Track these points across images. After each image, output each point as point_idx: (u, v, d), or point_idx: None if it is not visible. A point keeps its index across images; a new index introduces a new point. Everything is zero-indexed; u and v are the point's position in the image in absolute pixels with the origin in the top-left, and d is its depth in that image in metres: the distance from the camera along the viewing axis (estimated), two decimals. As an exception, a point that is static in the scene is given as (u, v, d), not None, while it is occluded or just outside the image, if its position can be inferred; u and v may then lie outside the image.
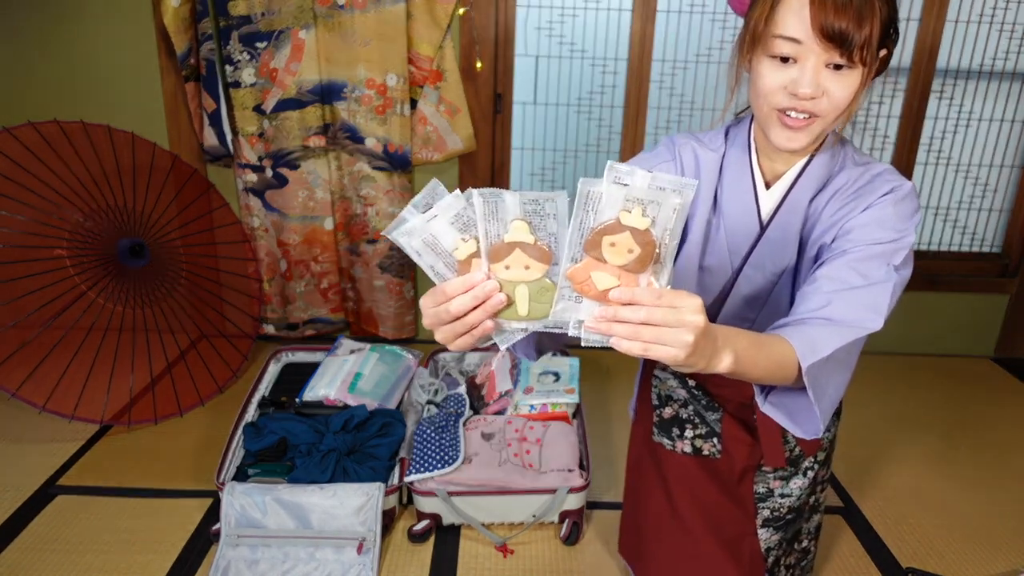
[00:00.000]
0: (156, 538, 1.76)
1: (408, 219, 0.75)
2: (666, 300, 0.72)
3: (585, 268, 0.72)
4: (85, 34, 2.41)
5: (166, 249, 2.33)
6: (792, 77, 0.96)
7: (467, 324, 0.76)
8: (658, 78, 2.55)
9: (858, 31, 0.91)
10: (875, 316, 0.97)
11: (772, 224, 1.10)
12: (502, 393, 2.08)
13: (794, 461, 1.30)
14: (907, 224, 1.03)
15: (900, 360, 2.82)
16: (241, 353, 2.49)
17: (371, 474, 1.82)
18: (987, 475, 2.14)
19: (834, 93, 0.96)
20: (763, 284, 1.14)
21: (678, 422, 1.32)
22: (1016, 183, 2.73)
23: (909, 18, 2.49)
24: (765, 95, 0.99)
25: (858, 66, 0.94)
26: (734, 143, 1.13)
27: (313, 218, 2.57)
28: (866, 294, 0.98)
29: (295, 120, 2.42)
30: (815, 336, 0.93)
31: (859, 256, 1.00)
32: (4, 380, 1.98)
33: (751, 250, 1.12)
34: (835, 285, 0.98)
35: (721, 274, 1.16)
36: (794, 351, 0.91)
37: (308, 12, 2.31)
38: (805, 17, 0.92)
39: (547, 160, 2.68)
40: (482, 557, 1.74)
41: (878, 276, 0.99)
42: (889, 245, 1.01)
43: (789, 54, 0.95)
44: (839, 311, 0.96)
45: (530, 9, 2.48)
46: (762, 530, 1.31)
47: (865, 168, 1.08)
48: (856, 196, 1.06)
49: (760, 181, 1.11)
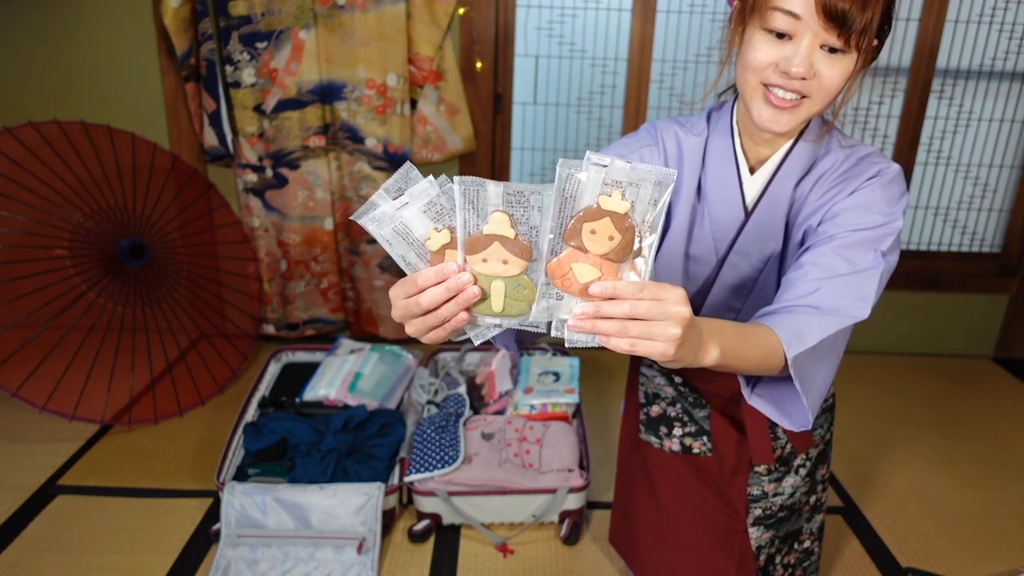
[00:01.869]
0: (156, 538, 1.76)
1: (379, 204, 0.71)
2: (648, 292, 0.70)
3: (566, 260, 0.70)
4: (85, 34, 2.41)
5: (166, 249, 2.33)
6: (785, 54, 0.93)
7: (439, 317, 0.73)
8: (658, 78, 2.55)
9: (860, 14, 0.89)
10: (862, 304, 0.95)
11: (757, 210, 1.07)
12: (502, 393, 2.08)
13: (785, 460, 1.28)
14: (894, 208, 1.01)
15: (900, 360, 2.82)
16: (241, 353, 2.49)
17: (371, 474, 1.82)
18: (987, 475, 2.14)
19: (825, 76, 0.93)
20: (749, 271, 1.11)
21: (666, 420, 1.30)
22: (1016, 183, 2.73)
23: (909, 18, 2.49)
24: (755, 69, 0.96)
25: (852, 52, 0.92)
26: (716, 127, 1.09)
27: (313, 218, 2.57)
28: (853, 281, 0.95)
29: (295, 120, 2.42)
30: (801, 325, 0.91)
31: (846, 242, 0.98)
32: (4, 380, 1.99)
33: (736, 237, 1.09)
34: (821, 272, 0.96)
35: (706, 262, 1.13)
36: (780, 341, 0.89)
37: (308, 12, 2.31)
38: None
39: (547, 160, 2.68)
40: (482, 557, 1.74)
41: (865, 263, 0.97)
42: (876, 230, 0.99)
43: (786, 30, 0.92)
44: (825, 299, 0.94)
45: (530, 9, 2.48)
46: (752, 528, 1.29)
47: (851, 151, 1.06)
48: (843, 179, 1.03)
49: (744, 166, 1.08)
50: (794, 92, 0.95)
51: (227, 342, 2.47)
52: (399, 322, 0.76)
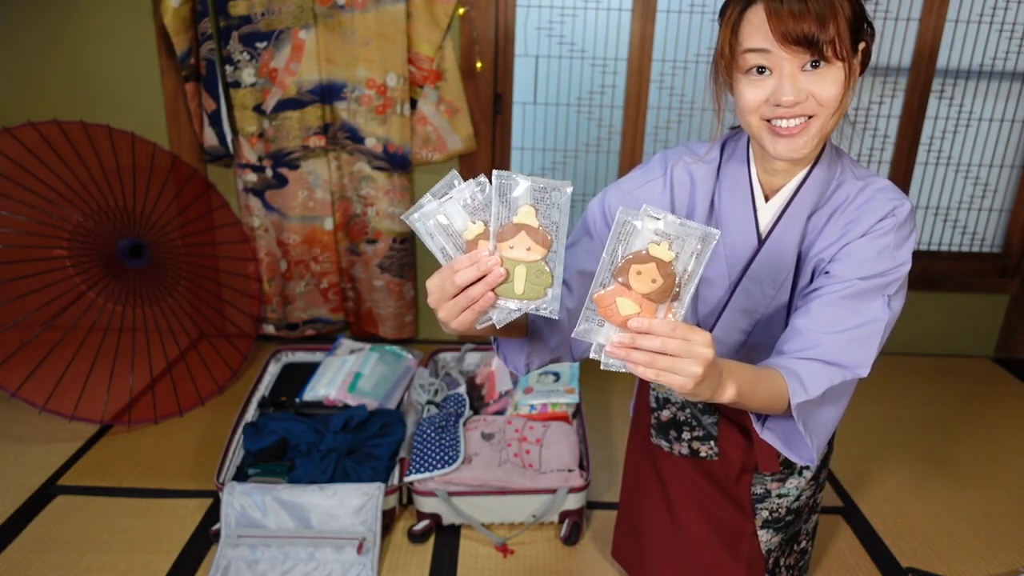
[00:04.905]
0: (156, 538, 1.76)
1: (424, 204, 0.82)
2: (679, 332, 0.78)
3: (612, 293, 0.79)
4: (85, 34, 2.41)
5: (166, 249, 2.33)
6: (771, 88, 0.96)
7: (470, 297, 0.82)
8: (658, 78, 2.55)
9: (823, 31, 0.91)
10: (865, 361, 1.01)
11: (770, 238, 1.10)
12: (502, 393, 2.08)
13: (787, 463, 1.29)
14: (903, 251, 1.04)
15: (900, 360, 2.82)
16: (241, 353, 2.49)
17: (371, 474, 1.82)
18: (987, 475, 2.14)
19: (818, 92, 0.95)
20: (760, 298, 1.14)
21: (675, 424, 1.33)
22: (1016, 183, 2.73)
23: (909, 18, 2.49)
24: (750, 110, 0.99)
25: (835, 61, 0.94)
26: (732, 156, 1.12)
27: (313, 218, 2.57)
28: (858, 336, 1.00)
29: (295, 120, 2.42)
30: (806, 376, 0.97)
31: (854, 291, 1.01)
32: (4, 380, 1.99)
33: (749, 263, 1.12)
34: (828, 326, 1.00)
35: (719, 286, 1.16)
36: (787, 387, 0.95)
37: (308, 12, 2.31)
38: (767, 29, 0.93)
39: (547, 160, 2.68)
40: (482, 557, 1.74)
41: (870, 314, 1.01)
42: (885, 277, 1.02)
43: (763, 64, 0.95)
44: (830, 353, 0.99)
45: (530, 9, 2.48)
46: (762, 531, 1.32)
47: (865, 182, 1.08)
48: (856, 216, 1.05)
49: (759, 194, 1.10)
50: (795, 117, 0.97)
51: (227, 342, 2.47)
52: (433, 308, 0.84)
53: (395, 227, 2.56)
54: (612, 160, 2.67)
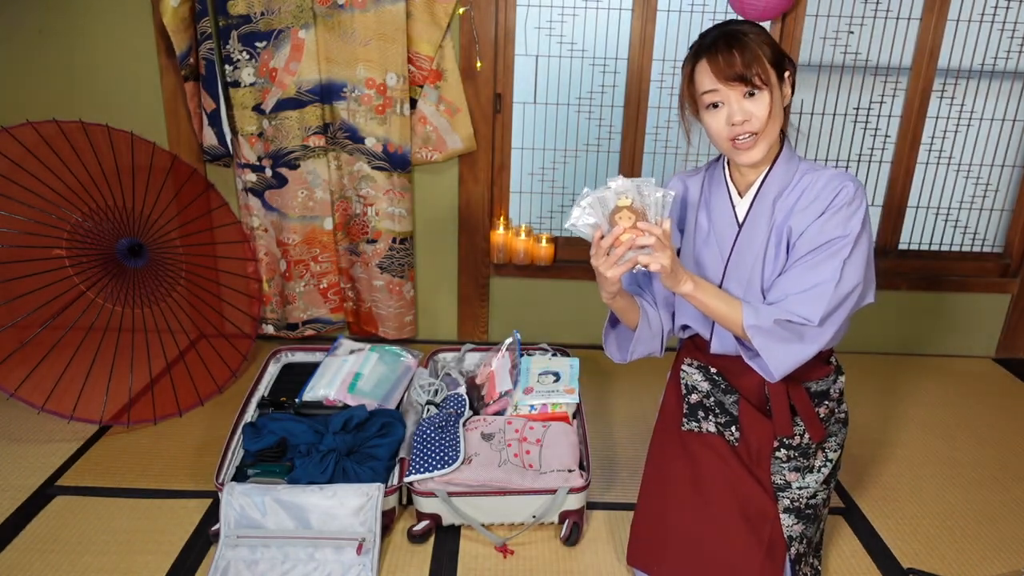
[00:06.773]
0: (155, 538, 1.76)
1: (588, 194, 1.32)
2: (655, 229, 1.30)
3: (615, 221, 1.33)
4: (84, 34, 2.41)
5: (165, 249, 2.33)
6: (726, 115, 1.38)
7: (616, 254, 1.31)
8: (658, 78, 2.55)
9: (748, 70, 1.33)
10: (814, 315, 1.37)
11: (746, 222, 1.49)
12: (502, 393, 2.07)
13: (803, 452, 1.54)
14: (853, 221, 1.38)
15: (900, 360, 2.81)
16: (241, 353, 2.48)
17: (371, 474, 1.82)
18: (988, 476, 2.13)
19: (756, 112, 1.36)
20: (743, 269, 1.50)
21: (703, 408, 1.61)
22: (1017, 183, 2.72)
23: (910, 17, 2.49)
24: (717, 135, 1.40)
25: (764, 88, 1.35)
26: (714, 168, 1.56)
27: (313, 218, 2.57)
28: (812, 293, 1.38)
29: (295, 120, 2.42)
30: (762, 310, 1.39)
31: (813, 260, 1.39)
32: (3, 380, 1.98)
33: (734, 244, 1.50)
34: (792, 285, 1.41)
35: (717, 261, 1.54)
36: (742, 312, 1.39)
37: (308, 12, 2.31)
38: (711, 74, 1.36)
39: (547, 160, 2.68)
40: (482, 557, 1.74)
41: (823, 275, 1.37)
42: (837, 243, 1.38)
43: (717, 100, 1.38)
44: (790, 303, 1.39)
45: (530, 9, 2.48)
46: (784, 515, 1.50)
47: (818, 174, 1.44)
48: (817, 195, 1.42)
49: (735, 192, 1.51)
50: (746, 133, 1.38)
51: (226, 342, 2.47)
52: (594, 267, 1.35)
53: (395, 227, 2.56)
54: (612, 160, 2.67)
